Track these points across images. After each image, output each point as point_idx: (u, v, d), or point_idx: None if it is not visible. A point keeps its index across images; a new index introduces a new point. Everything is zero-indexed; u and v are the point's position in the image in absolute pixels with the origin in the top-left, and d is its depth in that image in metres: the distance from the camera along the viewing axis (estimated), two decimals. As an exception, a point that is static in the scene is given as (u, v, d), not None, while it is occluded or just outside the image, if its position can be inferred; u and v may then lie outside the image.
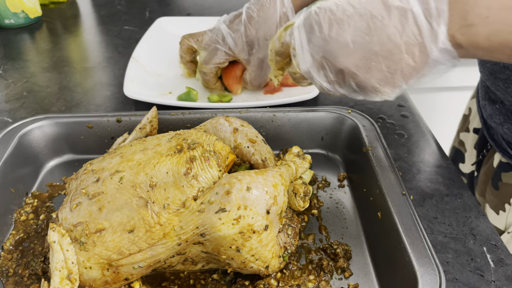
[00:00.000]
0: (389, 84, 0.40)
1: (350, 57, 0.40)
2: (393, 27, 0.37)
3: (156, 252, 0.43)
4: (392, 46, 0.38)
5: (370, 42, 0.38)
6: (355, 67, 0.40)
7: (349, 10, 0.40)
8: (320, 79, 0.43)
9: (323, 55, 0.41)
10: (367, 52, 0.39)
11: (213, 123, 0.55)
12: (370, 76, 0.40)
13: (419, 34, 0.37)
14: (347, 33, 0.39)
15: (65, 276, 0.42)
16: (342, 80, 0.42)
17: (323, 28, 0.41)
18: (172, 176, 0.44)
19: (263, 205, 0.43)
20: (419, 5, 0.37)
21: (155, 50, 0.94)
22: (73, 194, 0.46)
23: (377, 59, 0.39)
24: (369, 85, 0.40)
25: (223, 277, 0.49)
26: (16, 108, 0.77)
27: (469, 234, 0.54)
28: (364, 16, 0.39)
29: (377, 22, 0.38)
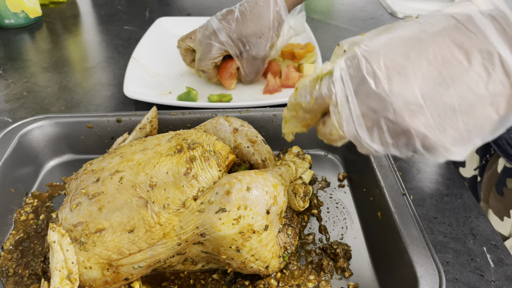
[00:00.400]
0: (464, 143, 0.32)
1: (420, 115, 0.31)
2: (475, 75, 0.30)
3: (156, 252, 0.43)
4: (474, 99, 0.30)
5: (445, 95, 0.31)
6: (426, 127, 0.32)
7: (412, 54, 0.31)
8: (371, 142, 0.34)
9: (382, 114, 0.32)
10: (442, 108, 0.31)
11: (213, 123, 0.55)
12: (443, 136, 0.32)
13: (509, 83, 0.30)
14: (415, 85, 0.31)
15: (65, 276, 0.42)
16: (404, 143, 0.33)
17: (380, 80, 0.32)
18: (172, 176, 0.44)
19: (263, 205, 0.43)
20: (507, 47, 0.30)
21: (155, 50, 0.94)
22: (73, 194, 0.46)
23: (454, 116, 0.31)
24: (440, 147, 0.32)
25: (223, 277, 0.49)
26: (16, 108, 0.77)
27: (469, 234, 0.54)
28: (435, 62, 0.31)
29: (454, 69, 0.30)
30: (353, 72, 0.33)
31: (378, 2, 1.32)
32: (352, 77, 0.33)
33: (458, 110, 0.31)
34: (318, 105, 0.37)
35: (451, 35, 0.31)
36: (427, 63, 0.31)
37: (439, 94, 0.31)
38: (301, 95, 0.38)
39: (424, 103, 0.31)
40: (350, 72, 0.33)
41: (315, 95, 0.36)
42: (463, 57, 0.30)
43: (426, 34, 0.32)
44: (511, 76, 0.30)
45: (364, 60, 0.33)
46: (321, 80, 0.36)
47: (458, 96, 0.31)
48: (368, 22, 1.17)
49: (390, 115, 0.32)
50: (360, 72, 0.33)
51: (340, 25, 1.15)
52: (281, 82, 0.83)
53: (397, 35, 0.33)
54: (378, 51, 0.32)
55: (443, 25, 0.32)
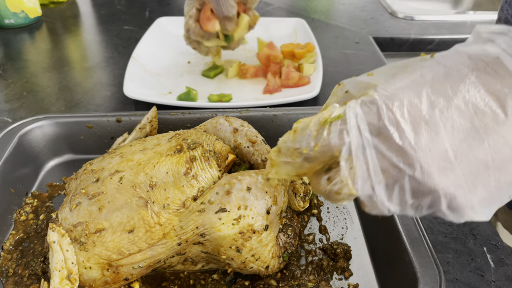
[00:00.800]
0: (492, 202, 0.29)
1: (450, 173, 0.27)
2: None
3: (156, 252, 0.43)
4: (509, 154, 0.27)
5: (478, 150, 0.27)
6: (456, 186, 0.27)
7: (440, 101, 0.27)
8: (389, 202, 0.29)
9: (406, 171, 0.28)
10: (474, 164, 0.27)
11: (213, 123, 0.55)
12: (472, 195, 0.28)
13: None
14: (445, 138, 0.27)
15: (64, 276, 0.42)
16: (427, 204, 0.29)
17: (405, 131, 0.27)
18: (172, 176, 0.44)
19: (263, 205, 0.43)
20: None
21: (155, 50, 0.94)
22: (72, 194, 0.46)
23: (486, 173, 0.27)
24: (467, 207, 0.28)
25: (223, 277, 0.49)
26: (16, 108, 0.77)
27: (469, 234, 0.54)
28: (466, 111, 0.27)
29: (488, 120, 0.27)
30: (372, 120, 0.28)
31: (378, 2, 1.32)
32: (371, 126, 0.28)
33: (491, 166, 0.27)
34: (323, 155, 0.31)
35: (482, 79, 0.27)
36: (458, 113, 0.27)
37: (472, 148, 0.27)
38: (302, 139, 0.31)
39: (455, 159, 0.27)
40: (369, 120, 0.28)
41: (322, 142, 0.30)
42: (498, 106, 0.27)
43: (453, 78, 0.28)
44: None
45: (385, 107, 0.28)
46: (330, 125, 0.30)
47: (493, 151, 0.27)
48: (368, 22, 1.17)
49: (417, 173, 0.27)
50: (380, 121, 0.28)
51: (340, 25, 1.15)
52: (281, 82, 0.83)
53: (418, 77, 0.29)
54: (400, 96, 0.28)
55: (471, 68, 0.28)
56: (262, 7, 1.26)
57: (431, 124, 0.27)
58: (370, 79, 0.31)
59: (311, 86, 0.80)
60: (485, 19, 1.20)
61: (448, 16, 1.21)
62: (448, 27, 1.15)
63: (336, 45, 1.03)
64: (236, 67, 0.88)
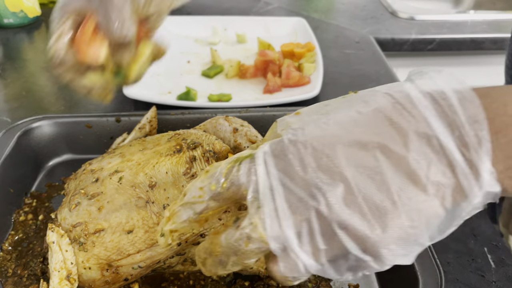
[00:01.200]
0: (410, 243, 0.27)
1: (357, 208, 0.26)
2: (414, 162, 0.26)
3: (155, 252, 0.43)
4: (415, 189, 0.26)
5: (382, 185, 0.26)
6: (364, 223, 0.26)
7: (343, 137, 0.27)
8: (300, 247, 0.27)
9: (311, 204, 0.27)
10: (380, 200, 0.26)
11: (212, 123, 0.55)
12: (386, 234, 0.26)
13: (451, 171, 0.26)
14: (347, 172, 0.26)
15: (64, 276, 0.42)
16: (340, 248, 0.27)
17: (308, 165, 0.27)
18: (172, 176, 0.44)
19: (263, 206, 0.43)
20: (447, 132, 0.26)
21: (154, 49, 0.94)
22: (72, 194, 0.46)
23: (395, 209, 0.26)
24: (384, 248, 0.27)
25: (223, 278, 0.49)
26: (15, 108, 0.77)
27: (470, 234, 0.53)
28: (370, 146, 0.27)
29: (391, 155, 0.26)
30: (278, 156, 0.28)
31: (379, 2, 1.32)
32: (278, 163, 0.28)
33: (398, 202, 0.26)
34: (230, 193, 0.29)
35: (387, 115, 0.27)
36: (359, 147, 0.27)
37: (375, 183, 0.26)
38: (212, 176, 0.30)
39: (359, 193, 0.26)
40: (275, 155, 0.28)
41: (231, 179, 0.29)
42: (400, 141, 0.26)
43: (361, 115, 0.28)
44: (453, 165, 0.26)
45: (290, 143, 0.28)
46: (241, 163, 0.29)
47: (397, 187, 0.26)
48: (369, 22, 1.17)
49: (322, 206, 0.26)
50: (286, 156, 0.28)
51: (341, 24, 1.15)
52: (281, 81, 0.83)
53: (330, 117, 0.29)
54: (307, 134, 0.28)
55: (380, 104, 0.28)
56: (262, 7, 1.26)
57: (333, 159, 0.27)
58: (293, 118, 0.31)
59: (311, 86, 0.80)
60: (485, 18, 1.20)
61: (448, 16, 1.20)
62: (448, 26, 1.15)
63: (337, 45, 1.03)
64: (236, 67, 0.88)
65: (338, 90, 0.84)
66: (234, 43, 1.02)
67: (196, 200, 0.30)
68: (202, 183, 0.30)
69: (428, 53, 1.14)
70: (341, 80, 0.87)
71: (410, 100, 0.27)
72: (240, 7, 1.24)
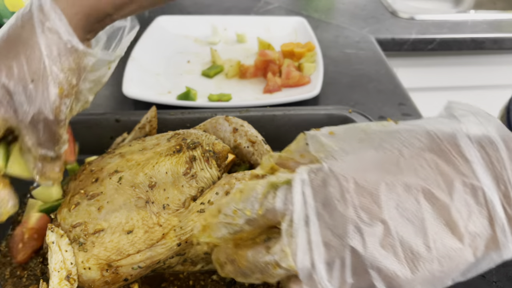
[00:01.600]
0: (434, 284, 0.28)
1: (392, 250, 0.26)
2: (456, 212, 0.26)
3: (155, 252, 0.43)
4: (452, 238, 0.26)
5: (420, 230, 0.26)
6: (397, 265, 0.26)
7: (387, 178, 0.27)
8: (328, 280, 0.27)
9: (347, 243, 0.26)
10: (416, 245, 0.26)
11: (212, 123, 0.55)
12: (414, 276, 0.27)
13: (490, 225, 0.26)
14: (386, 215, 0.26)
15: (63, 277, 0.42)
16: (367, 283, 0.27)
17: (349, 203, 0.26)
18: (172, 176, 0.44)
19: (263, 206, 0.43)
20: (493, 185, 0.26)
21: (154, 49, 0.94)
22: (71, 194, 0.46)
23: (429, 254, 0.26)
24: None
25: (223, 278, 0.49)
26: (15, 108, 0.77)
27: (470, 234, 0.53)
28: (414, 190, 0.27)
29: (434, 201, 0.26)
30: (318, 188, 0.27)
31: (379, 1, 1.32)
32: (317, 194, 0.27)
33: (433, 248, 0.26)
34: (265, 220, 0.29)
35: (434, 159, 0.27)
36: (403, 189, 0.26)
37: (413, 227, 0.26)
38: (247, 200, 0.29)
39: (396, 236, 0.26)
40: (315, 187, 0.27)
41: (266, 206, 0.29)
42: (445, 189, 0.26)
43: (405, 156, 0.28)
44: (493, 219, 0.26)
45: (332, 176, 0.27)
46: (277, 189, 0.29)
47: (434, 233, 0.26)
48: (369, 22, 1.17)
49: (358, 246, 0.26)
50: (326, 189, 0.27)
51: (341, 24, 1.15)
52: (281, 81, 0.83)
53: (372, 150, 0.28)
54: (349, 167, 0.27)
55: (425, 145, 0.28)
56: (262, 7, 1.26)
57: (375, 198, 0.26)
58: (329, 140, 0.30)
59: (311, 86, 0.80)
60: (486, 18, 1.19)
61: (449, 16, 1.20)
62: (449, 26, 1.14)
63: (337, 45, 1.03)
64: (236, 67, 0.88)
65: (338, 90, 0.84)
66: (234, 43, 1.02)
67: (230, 222, 0.30)
68: (236, 206, 0.30)
69: (429, 53, 1.14)
70: (341, 80, 0.87)
71: (458, 146, 0.27)
72: (240, 7, 1.23)
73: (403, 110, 0.77)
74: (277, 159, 0.32)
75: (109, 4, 0.42)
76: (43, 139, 0.42)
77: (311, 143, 0.30)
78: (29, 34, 0.40)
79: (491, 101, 1.25)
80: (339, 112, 0.66)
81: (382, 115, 0.75)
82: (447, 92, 1.26)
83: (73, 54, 0.41)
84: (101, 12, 0.42)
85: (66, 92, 0.42)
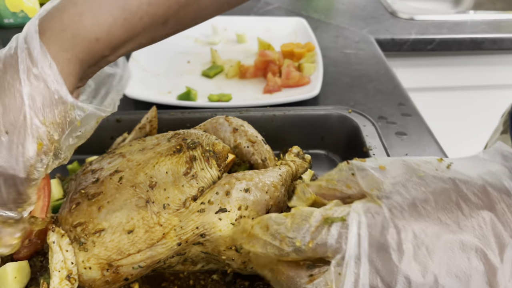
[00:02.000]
0: None
1: None
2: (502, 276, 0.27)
3: (155, 252, 0.43)
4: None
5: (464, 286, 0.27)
6: None
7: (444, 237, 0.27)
8: None
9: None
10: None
11: (212, 123, 0.55)
12: None
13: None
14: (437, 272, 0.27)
15: (64, 276, 0.42)
16: None
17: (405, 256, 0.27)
18: (172, 176, 0.44)
19: (263, 206, 0.43)
20: None
21: (154, 49, 0.94)
22: (72, 194, 0.46)
23: None
24: None
25: (223, 278, 0.49)
26: (15, 108, 0.77)
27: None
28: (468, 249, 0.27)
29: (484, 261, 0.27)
30: (374, 233, 0.27)
31: (379, 2, 1.32)
32: (372, 238, 0.27)
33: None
34: (314, 253, 0.29)
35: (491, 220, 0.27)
36: (459, 247, 0.27)
37: (460, 283, 0.27)
38: (299, 230, 0.29)
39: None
40: (371, 231, 0.27)
41: (318, 240, 0.29)
42: (497, 251, 0.27)
43: (465, 213, 0.28)
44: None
45: (392, 224, 0.27)
46: (331, 225, 0.29)
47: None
48: (369, 22, 1.17)
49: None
50: (383, 236, 0.27)
51: (340, 24, 1.15)
52: (281, 81, 0.83)
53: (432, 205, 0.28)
54: (409, 218, 0.27)
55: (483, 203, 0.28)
56: (262, 7, 1.26)
57: (431, 254, 0.27)
58: (381, 176, 0.30)
59: (311, 86, 0.80)
60: (485, 18, 1.20)
61: (448, 16, 1.21)
62: (448, 26, 1.15)
63: (336, 45, 1.03)
64: (236, 67, 0.88)
65: (338, 90, 0.84)
66: (234, 43, 1.02)
67: (278, 245, 0.30)
68: (286, 233, 0.30)
69: (428, 53, 1.14)
70: (341, 80, 0.87)
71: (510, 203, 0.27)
72: (240, 7, 1.23)
73: (402, 110, 0.77)
74: (318, 189, 0.32)
75: (106, 45, 0.36)
76: (6, 198, 0.36)
77: (360, 176, 0.31)
78: (11, 80, 0.35)
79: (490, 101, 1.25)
80: (339, 112, 0.66)
81: (382, 115, 0.75)
82: (446, 92, 1.26)
83: (60, 106, 0.36)
84: (97, 55, 0.37)
85: (45, 148, 0.36)
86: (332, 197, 0.32)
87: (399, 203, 0.28)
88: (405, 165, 0.31)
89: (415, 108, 0.78)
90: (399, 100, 0.80)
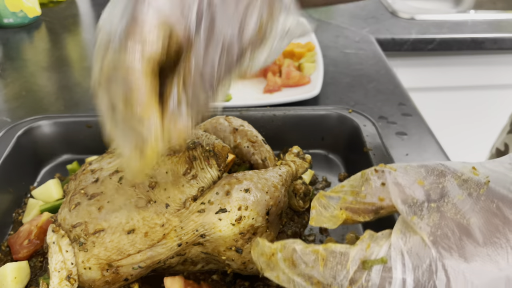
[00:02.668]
0: None
1: None
2: None
3: (155, 252, 0.43)
4: None
5: None
6: None
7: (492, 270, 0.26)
8: None
9: None
10: None
11: (212, 123, 0.55)
12: None
13: None
14: None
15: (64, 277, 0.41)
16: None
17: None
18: (172, 176, 0.44)
19: (263, 206, 0.43)
20: None
21: (154, 49, 0.94)
22: (72, 194, 0.46)
23: None
24: None
25: (223, 278, 0.49)
26: (14, 108, 0.77)
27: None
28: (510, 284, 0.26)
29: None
30: (421, 278, 0.25)
31: (379, 1, 1.32)
32: (419, 284, 0.26)
33: None
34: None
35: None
36: (504, 284, 0.26)
37: None
38: (334, 275, 0.27)
39: None
40: (418, 277, 0.25)
41: (359, 286, 0.26)
42: None
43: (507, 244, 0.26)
44: None
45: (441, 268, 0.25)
46: (371, 269, 0.26)
47: None
48: (369, 22, 1.17)
49: None
50: (431, 282, 0.25)
51: (341, 24, 1.15)
52: (282, 81, 0.83)
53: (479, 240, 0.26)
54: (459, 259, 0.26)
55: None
56: (262, 7, 1.26)
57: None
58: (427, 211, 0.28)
59: (311, 86, 0.80)
60: (486, 18, 1.20)
61: (449, 16, 1.20)
62: (449, 26, 1.14)
63: (337, 45, 1.03)
64: (236, 66, 0.88)
65: (338, 90, 0.84)
66: (234, 43, 1.02)
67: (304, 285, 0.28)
68: (320, 278, 0.27)
69: (428, 53, 1.14)
70: (341, 80, 0.87)
71: None
72: (240, 7, 1.23)
73: (403, 110, 0.77)
74: (344, 203, 0.29)
75: None
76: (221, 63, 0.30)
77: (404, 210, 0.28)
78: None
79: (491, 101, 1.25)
80: (339, 112, 0.66)
81: (382, 115, 0.75)
82: (447, 92, 1.26)
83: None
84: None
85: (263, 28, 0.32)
86: (364, 212, 0.30)
87: (445, 234, 0.26)
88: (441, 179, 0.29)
89: (416, 108, 0.78)
90: (400, 100, 0.80)
